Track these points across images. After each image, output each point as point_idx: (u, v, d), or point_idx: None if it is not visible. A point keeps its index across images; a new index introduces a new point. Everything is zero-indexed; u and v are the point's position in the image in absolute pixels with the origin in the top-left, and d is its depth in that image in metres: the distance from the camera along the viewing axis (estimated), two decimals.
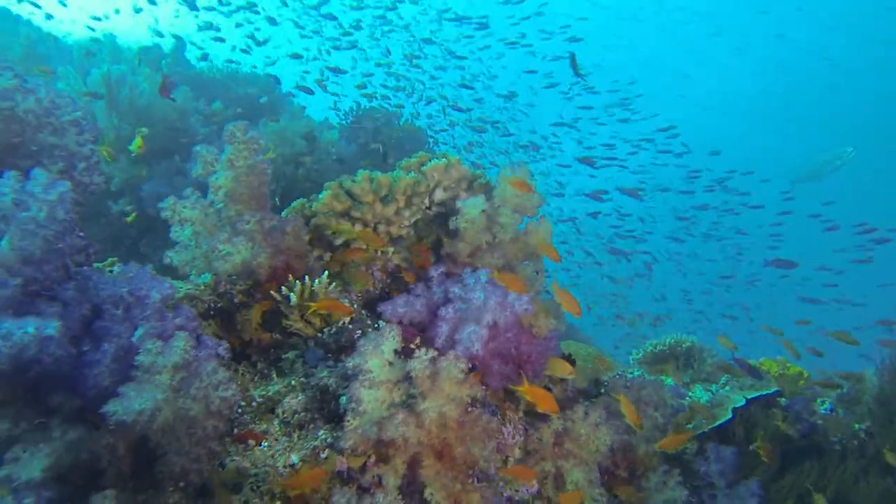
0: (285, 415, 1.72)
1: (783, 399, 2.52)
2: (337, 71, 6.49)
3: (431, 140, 5.86)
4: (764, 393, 2.39)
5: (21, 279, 1.19)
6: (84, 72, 3.97)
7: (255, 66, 6.53)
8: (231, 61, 5.90)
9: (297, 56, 7.42)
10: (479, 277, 1.89)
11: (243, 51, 6.96)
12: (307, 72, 8.70)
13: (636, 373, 2.78)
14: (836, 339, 2.55)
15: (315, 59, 9.37)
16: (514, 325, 1.96)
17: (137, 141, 2.70)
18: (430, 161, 2.23)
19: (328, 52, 9.15)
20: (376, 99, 6.22)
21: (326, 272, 1.88)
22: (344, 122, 5.31)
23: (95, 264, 1.93)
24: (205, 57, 6.56)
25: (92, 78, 3.87)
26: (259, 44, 7.65)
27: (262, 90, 5.66)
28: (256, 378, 1.89)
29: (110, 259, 2.12)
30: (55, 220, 1.30)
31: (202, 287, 1.95)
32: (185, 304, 1.51)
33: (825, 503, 2.00)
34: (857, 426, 2.40)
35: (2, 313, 1.13)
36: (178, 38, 5.67)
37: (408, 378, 1.63)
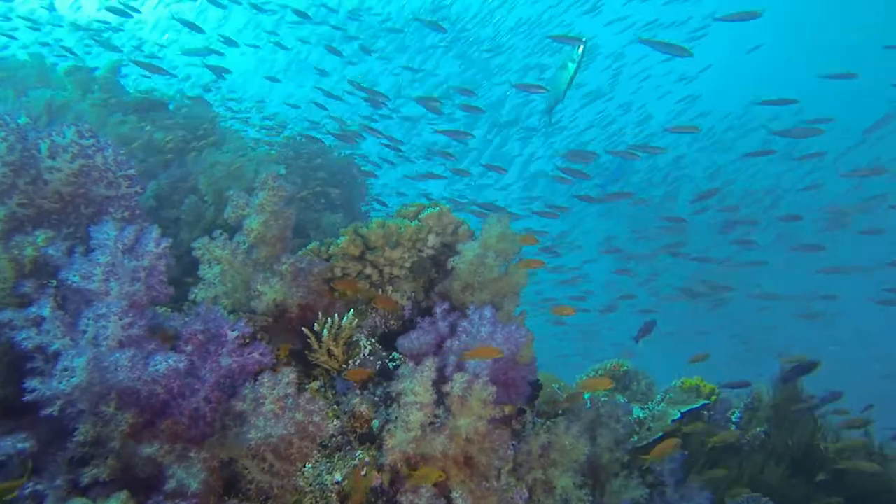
0: (322, 439, 1.89)
1: (706, 412, 3.08)
2: None
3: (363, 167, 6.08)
4: (694, 406, 2.92)
5: (145, 320, 1.34)
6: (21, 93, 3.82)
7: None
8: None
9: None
10: (484, 314, 2.21)
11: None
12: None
13: (586, 395, 3.22)
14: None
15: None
16: (512, 355, 2.30)
17: None
18: (425, 210, 2.54)
19: None
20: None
21: (352, 310, 2.10)
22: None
23: None
24: None
25: (31, 101, 3.71)
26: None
27: (203, 119, 5.62)
28: None
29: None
30: (157, 270, 1.45)
31: None
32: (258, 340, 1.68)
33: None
34: (758, 429, 3.01)
35: (143, 345, 1.28)
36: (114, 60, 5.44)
37: (438, 401, 1.89)
